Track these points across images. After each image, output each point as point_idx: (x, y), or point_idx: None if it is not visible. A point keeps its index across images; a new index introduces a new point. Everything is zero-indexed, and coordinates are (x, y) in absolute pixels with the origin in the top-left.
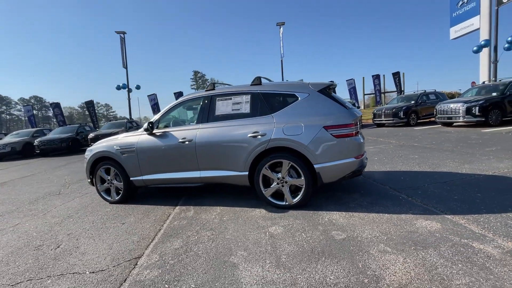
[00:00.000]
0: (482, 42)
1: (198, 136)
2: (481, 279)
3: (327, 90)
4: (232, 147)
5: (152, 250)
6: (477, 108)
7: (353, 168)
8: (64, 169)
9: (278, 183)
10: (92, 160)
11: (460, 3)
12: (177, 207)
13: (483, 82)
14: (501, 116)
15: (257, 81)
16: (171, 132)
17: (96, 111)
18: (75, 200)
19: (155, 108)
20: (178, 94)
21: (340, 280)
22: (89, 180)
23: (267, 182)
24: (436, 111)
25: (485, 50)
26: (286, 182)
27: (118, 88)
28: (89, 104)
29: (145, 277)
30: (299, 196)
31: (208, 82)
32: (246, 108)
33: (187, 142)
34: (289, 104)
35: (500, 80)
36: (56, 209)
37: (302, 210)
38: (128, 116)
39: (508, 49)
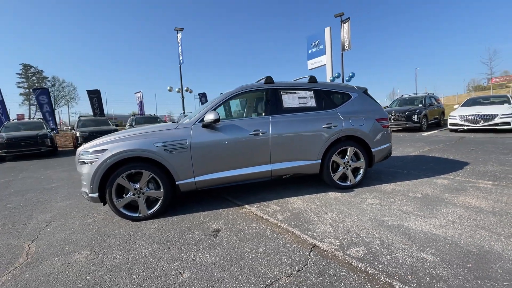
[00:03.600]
0: (336, 74)
1: (272, 127)
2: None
3: (367, 91)
4: (309, 138)
5: (315, 238)
6: None
7: (389, 150)
8: None
9: (344, 167)
10: (108, 165)
11: (313, 44)
12: (247, 206)
13: None
14: None
15: (313, 79)
16: (237, 124)
17: None
18: (55, 232)
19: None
20: (41, 91)
21: (467, 214)
22: (96, 194)
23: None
24: None
25: (336, 81)
26: (350, 166)
27: None
28: None
29: (360, 254)
30: (359, 176)
31: (49, 79)
32: (312, 102)
33: (260, 134)
34: (346, 101)
35: None
36: (50, 246)
37: (362, 188)
38: None
39: (348, 81)
